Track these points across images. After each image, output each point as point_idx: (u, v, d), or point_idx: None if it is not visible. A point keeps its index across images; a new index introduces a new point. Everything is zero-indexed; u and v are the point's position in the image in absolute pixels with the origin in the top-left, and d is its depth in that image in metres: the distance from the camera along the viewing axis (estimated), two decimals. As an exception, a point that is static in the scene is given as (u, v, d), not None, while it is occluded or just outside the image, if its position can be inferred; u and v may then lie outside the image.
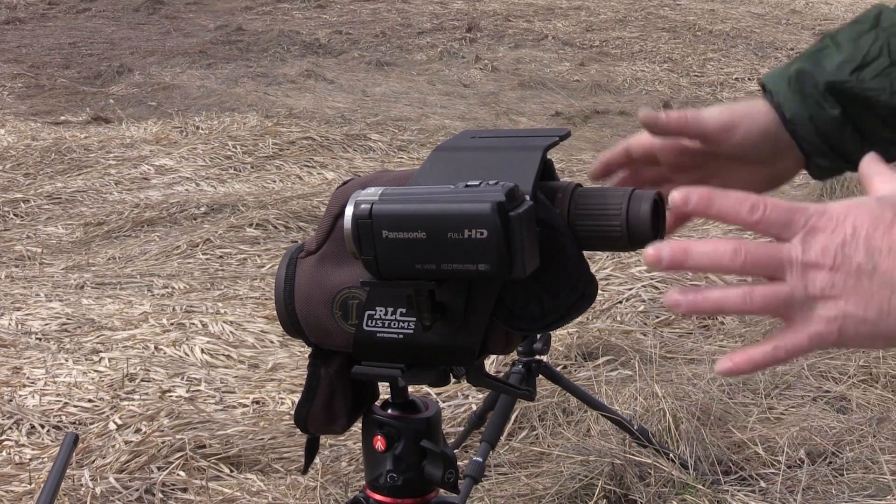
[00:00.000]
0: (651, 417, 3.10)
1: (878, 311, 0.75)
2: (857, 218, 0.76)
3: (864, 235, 0.75)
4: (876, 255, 0.74)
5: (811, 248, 0.76)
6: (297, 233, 5.34)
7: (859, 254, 0.75)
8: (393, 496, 1.00)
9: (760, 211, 0.77)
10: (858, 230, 0.75)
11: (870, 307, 0.75)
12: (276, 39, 11.81)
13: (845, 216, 0.76)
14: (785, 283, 0.77)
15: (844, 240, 0.75)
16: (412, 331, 0.90)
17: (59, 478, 1.40)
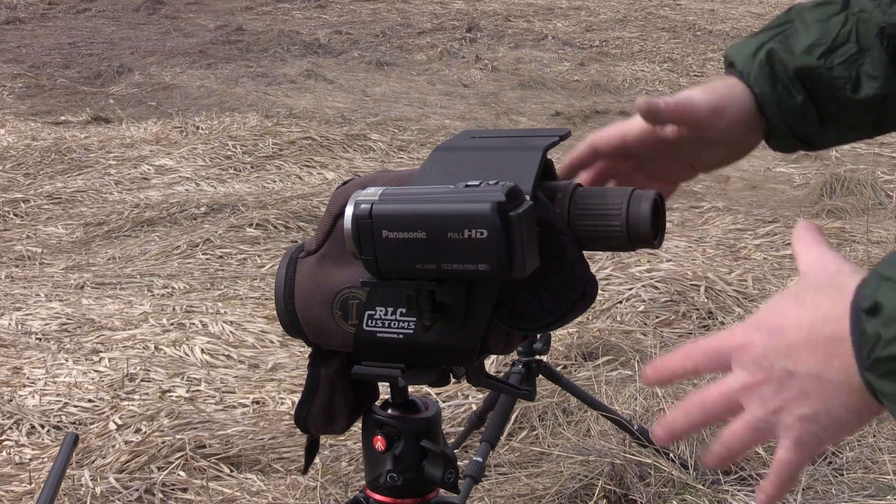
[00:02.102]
0: (651, 417, 3.10)
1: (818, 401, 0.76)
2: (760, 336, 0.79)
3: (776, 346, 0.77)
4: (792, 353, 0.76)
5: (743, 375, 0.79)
6: (297, 233, 5.34)
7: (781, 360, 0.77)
8: (393, 496, 1.00)
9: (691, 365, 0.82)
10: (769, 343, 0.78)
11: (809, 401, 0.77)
12: (276, 39, 11.81)
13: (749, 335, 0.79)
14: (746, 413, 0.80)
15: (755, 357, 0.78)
16: (412, 331, 0.90)
17: (59, 478, 1.40)
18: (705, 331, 3.97)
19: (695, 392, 0.82)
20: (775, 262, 4.58)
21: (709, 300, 4.13)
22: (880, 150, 6.65)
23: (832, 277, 0.78)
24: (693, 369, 0.83)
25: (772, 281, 4.32)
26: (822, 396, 0.76)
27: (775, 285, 4.25)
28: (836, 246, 4.67)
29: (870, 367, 0.71)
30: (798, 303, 0.77)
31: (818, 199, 5.37)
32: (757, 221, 5.12)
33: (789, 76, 1.04)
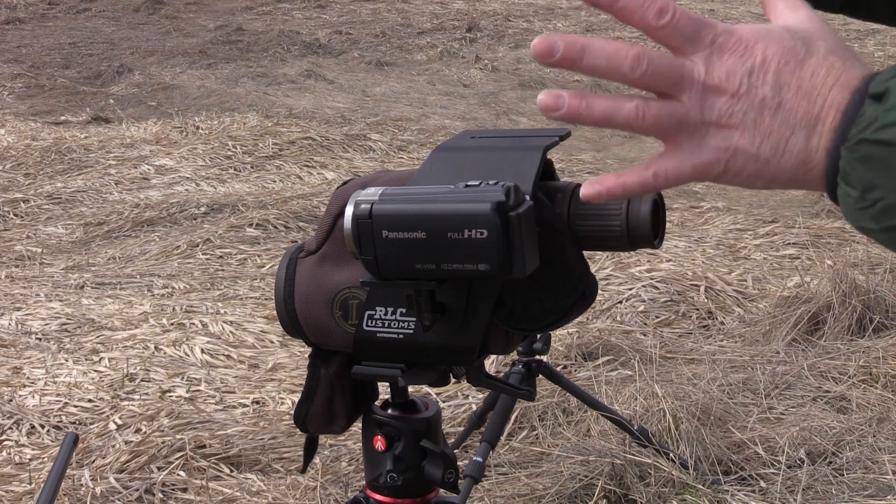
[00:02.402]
0: (651, 417, 3.10)
1: (772, 151, 0.70)
2: (768, 47, 0.69)
3: (775, 68, 0.69)
4: (783, 91, 0.69)
5: (715, 70, 0.69)
6: (297, 233, 5.34)
7: (766, 86, 0.69)
8: (393, 496, 1.00)
9: (668, 16, 0.69)
10: (769, 61, 0.69)
11: (765, 145, 0.70)
12: (276, 39, 11.81)
13: (756, 42, 0.69)
14: (681, 104, 0.70)
15: (752, 68, 0.69)
16: (412, 331, 0.90)
17: (59, 478, 1.40)
18: (705, 331, 3.97)
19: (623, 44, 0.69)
20: (775, 262, 4.58)
21: (709, 300, 4.13)
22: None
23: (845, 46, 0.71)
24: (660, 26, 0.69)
25: (772, 281, 4.32)
26: (779, 147, 0.69)
27: (775, 285, 4.25)
28: (836, 246, 4.68)
29: (853, 145, 0.66)
30: (809, 47, 0.69)
31: (818, 199, 5.37)
32: (757, 221, 5.12)
33: None
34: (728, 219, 5.21)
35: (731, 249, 4.74)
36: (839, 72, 0.69)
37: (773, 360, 3.63)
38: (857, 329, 3.75)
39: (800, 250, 4.68)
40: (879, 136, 0.65)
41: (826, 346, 3.68)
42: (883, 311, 3.81)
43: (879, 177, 0.65)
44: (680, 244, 4.74)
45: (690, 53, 0.70)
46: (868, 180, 0.66)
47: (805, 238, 4.76)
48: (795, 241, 4.77)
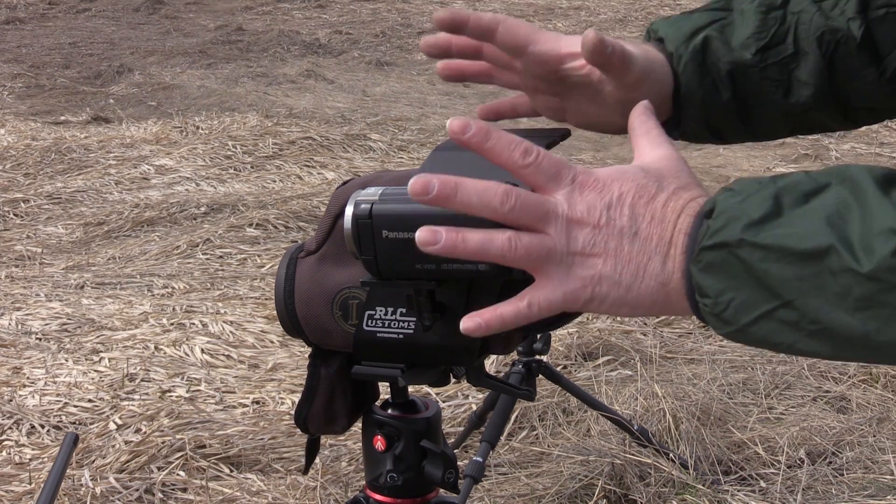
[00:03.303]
0: (651, 417, 3.10)
1: (632, 276, 0.75)
2: (623, 184, 0.76)
3: (630, 202, 0.76)
4: (639, 221, 0.75)
5: (577, 205, 0.76)
6: (297, 233, 5.34)
7: (624, 217, 0.75)
8: (393, 496, 1.00)
9: (532, 157, 0.76)
10: (625, 195, 0.76)
11: (625, 271, 0.75)
12: (276, 39, 11.81)
13: (612, 180, 0.76)
14: (549, 236, 0.76)
15: (611, 202, 0.76)
16: (412, 331, 0.90)
17: (59, 478, 1.40)
18: (706, 331, 3.97)
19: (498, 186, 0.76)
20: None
21: (709, 300, 4.13)
22: (880, 150, 6.65)
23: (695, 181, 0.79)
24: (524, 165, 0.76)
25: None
26: (638, 272, 0.75)
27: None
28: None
29: (695, 258, 0.72)
30: (661, 184, 0.77)
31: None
32: (757, 221, 5.12)
33: (720, 72, 1.02)
34: (728, 219, 5.21)
35: (731, 249, 4.74)
36: (686, 201, 0.76)
37: (773, 359, 3.63)
38: (857, 329, 3.75)
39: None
40: (712, 242, 0.71)
41: (826, 346, 3.68)
42: (883, 311, 3.80)
43: (723, 279, 0.71)
44: (680, 244, 4.74)
45: (553, 191, 0.77)
46: (716, 286, 0.71)
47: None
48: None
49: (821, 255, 0.67)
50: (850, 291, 0.66)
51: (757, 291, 0.70)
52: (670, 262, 0.75)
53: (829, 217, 0.67)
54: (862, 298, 0.65)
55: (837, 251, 0.66)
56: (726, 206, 0.71)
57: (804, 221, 0.68)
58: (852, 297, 0.66)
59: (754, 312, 0.70)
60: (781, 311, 0.69)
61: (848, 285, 0.66)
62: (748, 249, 0.69)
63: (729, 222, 0.70)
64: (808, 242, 0.67)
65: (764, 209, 0.70)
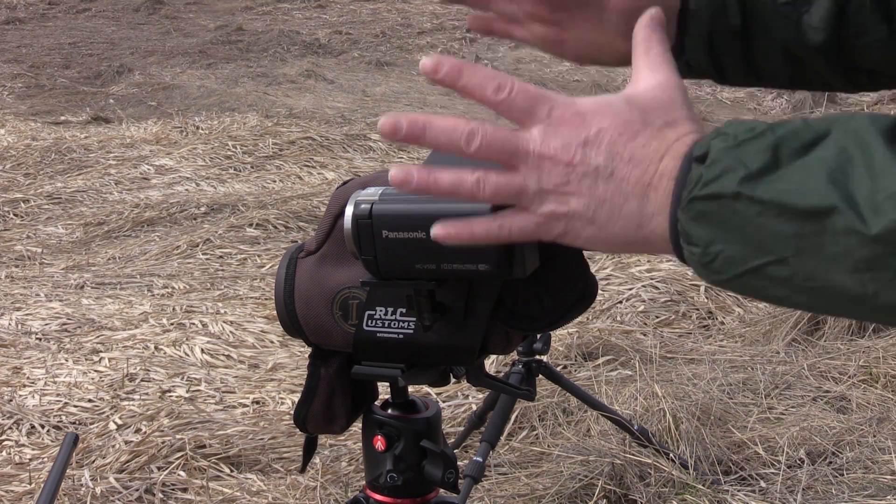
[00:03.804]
0: (651, 417, 3.10)
1: (607, 216, 0.73)
2: (604, 119, 0.73)
3: (609, 140, 0.73)
4: (616, 161, 0.72)
5: (551, 141, 0.73)
6: (297, 233, 5.34)
7: (600, 156, 0.72)
8: (393, 496, 1.00)
9: (506, 92, 0.73)
10: (603, 133, 0.73)
11: (599, 211, 0.73)
12: (276, 39, 11.81)
13: (593, 114, 0.73)
14: (519, 174, 0.74)
15: (587, 139, 0.73)
16: (412, 331, 0.90)
17: (59, 478, 1.40)
18: (705, 331, 3.97)
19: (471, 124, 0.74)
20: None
21: (709, 300, 4.13)
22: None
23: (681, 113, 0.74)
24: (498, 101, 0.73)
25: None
26: (613, 213, 0.73)
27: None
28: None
29: (685, 206, 0.69)
30: (646, 120, 0.73)
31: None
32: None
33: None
34: (728, 219, 5.21)
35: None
36: (671, 142, 0.72)
37: (773, 360, 3.63)
38: (857, 329, 3.75)
39: (800, 250, 4.68)
40: (706, 192, 0.68)
41: (826, 346, 3.68)
42: (883, 311, 3.80)
43: (715, 230, 0.69)
44: (680, 244, 4.74)
45: (529, 126, 0.74)
46: (706, 236, 0.69)
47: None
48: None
49: (823, 214, 0.64)
50: (851, 252, 0.64)
51: (750, 246, 0.68)
52: (650, 205, 0.72)
53: (830, 172, 0.65)
54: (864, 260, 0.63)
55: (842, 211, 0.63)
56: (721, 154, 0.68)
57: (805, 176, 0.66)
58: (853, 259, 0.64)
59: (745, 266, 0.69)
60: (774, 267, 0.67)
61: (850, 246, 0.64)
62: (745, 203, 0.67)
63: (725, 173, 0.68)
64: (810, 200, 0.65)
65: (762, 160, 0.67)
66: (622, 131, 0.73)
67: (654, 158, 0.72)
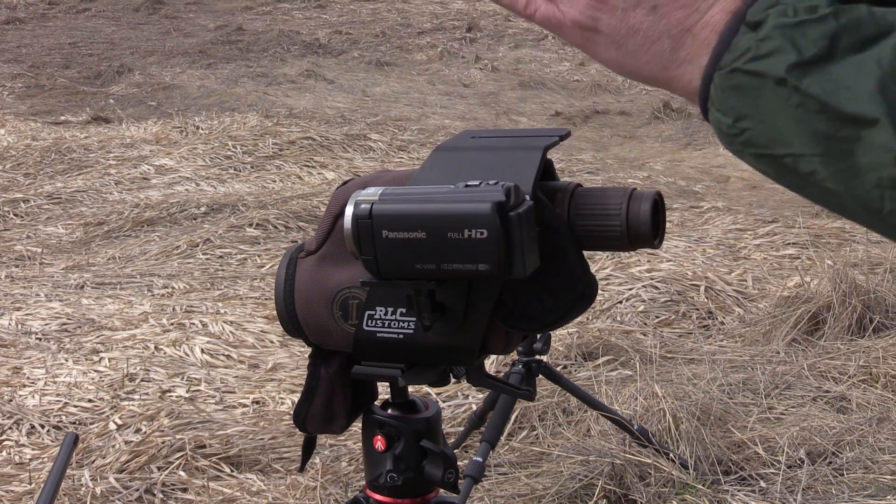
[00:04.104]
0: (651, 417, 3.10)
1: (636, 47, 0.71)
2: None
3: None
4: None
5: None
6: (297, 233, 5.34)
7: None
8: (393, 496, 1.00)
9: None
10: None
11: (629, 39, 0.71)
12: (276, 39, 11.81)
13: None
14: None
15: None
16: (412, 331, 0.90)
17: (59, 478, 1.40)
18: (705, 331, 3.97)
19: None
20: (775, 262, 4.58)
21: (709, 300, 4.13)
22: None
23: None
24: None
25: (772, 281, 4.32)
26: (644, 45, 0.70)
27: (775, 285, 4.25)
28: (836, 246, 4.68)
29: (727, 73, 0.66)
30: None
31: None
32: (757, 221, 5.13)
33: None
34: (728, 219, 5.22)
35: (731, 249, 4.74)
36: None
37: (773, 360, 3.63)
38: (857, 329, 3.75)
39: (800, 250, 4.68)
40: (751, 67, 0.65)
41: (826, 346, 3.68)
42: (883, 311, 3.81)
43: (748, 107, 0.66)
44: (680, 244, 4.74)
45: None
46: (738, 110, 0.66)
47: (805, 238, 4.76)
48: (795, 241, 4.77)
49: (865, 124, 0.62)
50: (880, 168, 0.61)
51: (780, 133, 0.65)
52: (683, 50, 0.69)
53: (882, 78, 0.61)
54: (890, 179, 0.61)
55: (884, 126, 0.61)
56: (777, 30, 0.64)
57: (856, 77, 0.62)
58: (880, 174, 0.61)
59: (769, 150, 0.66)
60: (798, 160, 0.65)
61: (881, 162, 0.61)
62: (788, 91, 0.64)
63: (775, 53, 0.64)
64: (855, 106, 0.62)
65: (816, 48, 0.63)
66: None
67: (703, 4, 0.69)
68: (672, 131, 7.95)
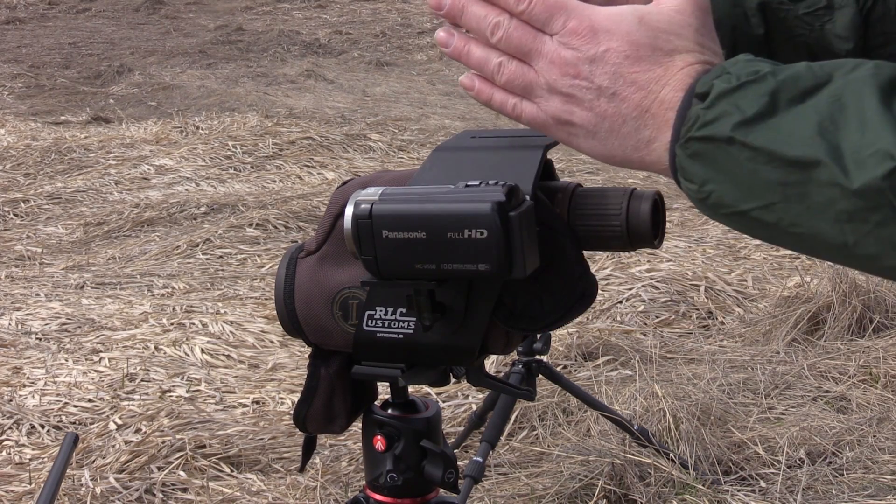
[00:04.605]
0: (651, 417, 3.10)
1: (607, 133, 0.77)
2: (612, 39, 0.76)
3: (614, 60, 0.75)
4: (619, 82, 0.75)
5: (562, 51, 0.77)
6: (297, 233, 5.34)
7: (605, 76, 0.76)
8: (393, 496, 1.00)
9: (524, 4, 0.78)
10: (610, 53, 0.76)
11: (600, 126, 0.77)
12: (276, 39, 11.81)
13: (604, 32, 0.76)
14: (534, 71, 0.79)
15: (595, 56, 0.76)
16: (412, 331, 0.90)
17: (59, 478, 1.40)
18: (705, 331, 3.97)
19: None
20: (775, 262, 4.58)
21: (709, 300, 4.13)
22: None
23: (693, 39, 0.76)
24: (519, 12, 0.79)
25: (772, 281, 4.32)
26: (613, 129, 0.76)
27: (775, 285, 4.25)
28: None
29: (683, 143, 0.72)
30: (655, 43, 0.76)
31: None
32: (757, 221, 5.12)
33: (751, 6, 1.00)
34: (728, 219, 5.21)
35: (731, 249, 4.74)
36: (675, 71, 0.75)
37: (773, 360, 3.63)
38: (857, 329, 3.75)
39: (800, 250, 4.67)
40: (702, 134, 0.70)
41: (826, 346, 3.68)
42: (883, 311, 3.81)
43: (709, 171, 0.71)
44: (680, 244, 4.74)
45: (547, 32, 0.78)
46: (701, 175, 0.72)
47: (805, 238, 4.75)
48: (795, 241, 4.77)
49: (809, 165, 0.66)
50: (833, 204, 0.65)
51: (740, 189, 0.70)
52: (647, 130, 0.75)
53: (821, 122, 0.66)
54: (844, 212, 0.65)
55: (826, 164, 0.65)
56: (720, 96, 0.70)
57: (796, 124, 0.67)
58: (835, 209, 0.65)
59: (735, 208, 0.71)
60: (761, 212, 0.69)
61: (833, 198, 0.65)
62: (738, 148, 0.69)
63: (721, 116, 0.69)
64: (798, 150, 0.66)
65: (759, 106, 0.69)
66: (629, 53, 0.75)
67: (656, 86, 0.74)
68: (672, 131, 7.95)
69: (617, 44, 0.75)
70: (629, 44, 0.75)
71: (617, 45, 0.75)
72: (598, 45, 0.76)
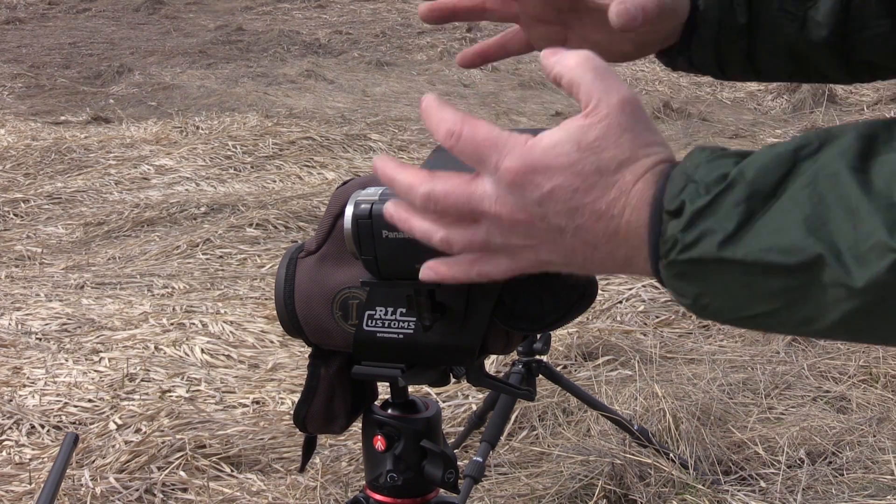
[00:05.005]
0: (651, 417, 3.10)
1: (582, 261, 0.73)
2: (555, 175, 0.70)
3: (564, 197, 0.70)
4: (577, 217, 0.70)
5: (505, 199, 0.72)
6: (297, 233, 5.34)
7: (560, 216, 0.70)
8: (393, 496, 1.00)
9: (454, 139, 0.73)
10: (557, 190, 0.70)
11: (571, 257, 0.73)
12: (276, 39, 11.81)
13: (544, 169, 0.70)
14: (482, 228, 0.74)
15: (542, 198, 0.70)
16: (412, 331, 0.90)
17: (59, 478, 1.40)
18: (706, 331, 3.97)
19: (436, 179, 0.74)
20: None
21: (709, 300, 4.13)
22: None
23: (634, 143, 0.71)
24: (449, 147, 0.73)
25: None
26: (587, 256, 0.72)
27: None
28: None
29: (667, 265, 0.68)
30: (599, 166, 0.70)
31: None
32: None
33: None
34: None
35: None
36: (629, 186, 0.69)
37: (773, 360, 3.63)
38: (857, 329, 3.75)
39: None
40: (686, 257, 0.66)
41: (826, 346, 3.68)
42: (883, 311, 3.80)
43: (701, 287, 0.67)
44: (680, 244, 4.73)
45: (482, 173, 0.73)
46: (693, 291, 0.68)
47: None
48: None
49: (810, 268, 0.63)
50: (840, 302, 0.63)
51: (739, 301, 0.67)
52: (622, 250, 0.71)
53: (806, 219, 0.63)
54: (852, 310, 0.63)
55: (829, 265, 0.62)
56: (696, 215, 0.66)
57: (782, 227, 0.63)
58: (842, 308, 0.63)
59: (737, 314, 0.68)
60: (766, 317, 0.67)
61: (839, 296, 0.63)
62: (728, 265, 0.65)
63: (703, 237, 0.65)
64: (795, 257, 0.63)
65: (738, 217, 0.65)
66: (577, 187, 0.70)
67: (617, 210, 0.70)
68: (672, 131, 7.95)
69: (561, 179, 0.70)
70: (573, 176, 0.70)
71: (562, 181, 0.70)
72: (541, 186, 0.70)
